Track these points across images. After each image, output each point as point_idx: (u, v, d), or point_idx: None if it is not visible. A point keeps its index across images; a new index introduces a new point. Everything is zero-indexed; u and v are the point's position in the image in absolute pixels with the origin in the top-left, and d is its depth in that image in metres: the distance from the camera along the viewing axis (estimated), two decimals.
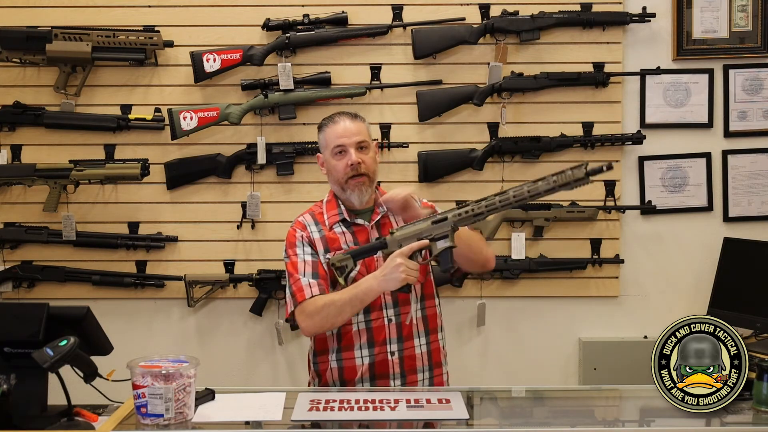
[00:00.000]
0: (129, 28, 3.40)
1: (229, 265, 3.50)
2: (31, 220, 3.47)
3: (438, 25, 3.41)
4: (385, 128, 3.46)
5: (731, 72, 3.52)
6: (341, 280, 2.39)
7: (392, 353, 2.45)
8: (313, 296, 2.39)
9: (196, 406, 2.11)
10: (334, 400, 2.23)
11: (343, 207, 2.52)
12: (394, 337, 2.45)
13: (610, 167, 2.07)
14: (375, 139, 2.64)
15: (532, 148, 3.44)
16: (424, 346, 2.48)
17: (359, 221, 2.51)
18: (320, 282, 2.42)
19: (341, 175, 2.46)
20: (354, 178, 2.45)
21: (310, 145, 3.43)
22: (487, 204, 2.24)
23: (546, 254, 3.49)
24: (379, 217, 2.52)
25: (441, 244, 2.27)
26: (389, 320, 2.45)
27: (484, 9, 3.44)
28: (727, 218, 3.57)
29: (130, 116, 3.42)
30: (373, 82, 3.45)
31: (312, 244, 2.49)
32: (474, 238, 2.49)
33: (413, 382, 2.46)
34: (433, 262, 2.38)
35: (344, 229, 2.51)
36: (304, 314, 2.39)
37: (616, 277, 3.55)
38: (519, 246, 3.46)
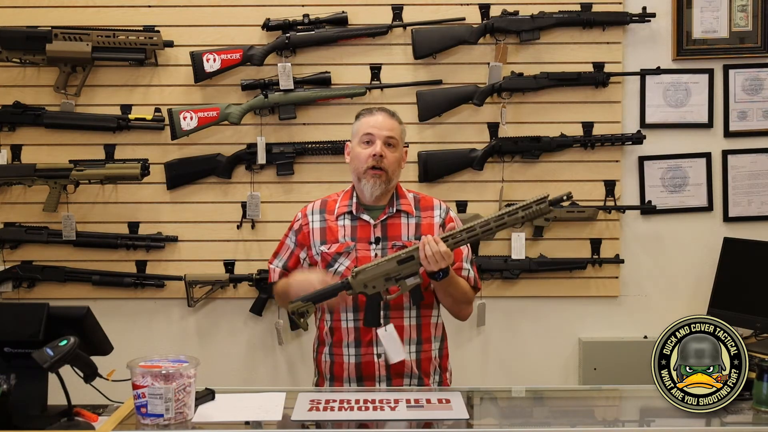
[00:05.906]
0: (129, 28, 3.40)
1: (229, 265, 3.50)
2: (31, 220, 3.46)
3: (438, 25, 3.41)
4: None
5: (731, 72, 3.52)
6: (302, 325, 2.40)
7: (378, 355, 2.46)
8: (275, 282, 2.62)
9: (196, 406, 2.11)
10: (334, 400, 2.23)
11: (355, 200, 2.54)
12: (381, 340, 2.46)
13: (570, 197, 2.32)
14: (407, 144, 2.65)
15: (532, 148, 3.44)
16: (414, 354, 2.48)
17: (365, 217, 2.52)
18: (283, 273, 2.60)
19: (362, 163, 2.48)
20: (373, 169, 2.46)
21: (310, 145, 3.43)
22: (455, 239, 2.33)
23: (546, 254, 3.49)
24: (386, 216, 2.53)
25: (411, 281, 2.36)
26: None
27: (484, 9, 3.44)
28: (727, 218, 3.57)
29: (130, 116, 3.42)
30: (373, 82, 3.45)
31: (303, 234, 2.56)
32: (462, 294, 2.51)
33: (399, 387, 2.46)
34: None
35: (348, 223, 2.53)
36: (275, 293, 2.68)
37: (616, 277, 3.55)
38: (519, 246, 3.46)
